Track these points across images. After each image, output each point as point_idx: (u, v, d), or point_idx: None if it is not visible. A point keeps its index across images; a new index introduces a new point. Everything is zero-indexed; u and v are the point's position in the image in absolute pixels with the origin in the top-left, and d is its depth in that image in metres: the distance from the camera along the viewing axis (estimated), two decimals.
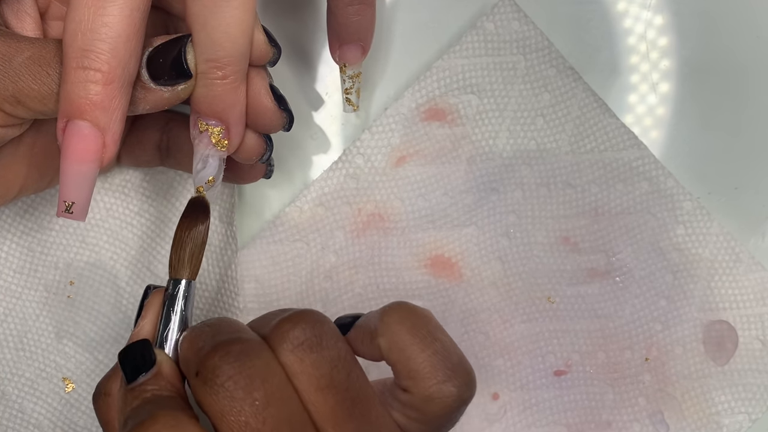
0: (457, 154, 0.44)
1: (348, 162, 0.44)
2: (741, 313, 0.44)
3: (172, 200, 0.43)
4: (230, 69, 0.33)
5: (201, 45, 0.33)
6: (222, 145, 0.35)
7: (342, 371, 0.31)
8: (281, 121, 0.36)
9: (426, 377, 0.31)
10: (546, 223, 0.44)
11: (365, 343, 0.32)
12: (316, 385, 0.30)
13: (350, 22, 0.39)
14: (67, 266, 0.43)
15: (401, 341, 0.31)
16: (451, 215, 0.44)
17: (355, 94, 0.42)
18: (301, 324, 0.31)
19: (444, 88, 0.44)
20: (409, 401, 0.31)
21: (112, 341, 0.43)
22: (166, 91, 0.33)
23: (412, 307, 0.33)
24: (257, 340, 0.31)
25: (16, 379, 0.42)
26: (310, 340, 0.31)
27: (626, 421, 0.44)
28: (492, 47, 0.44)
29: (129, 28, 0.31)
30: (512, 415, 0.43)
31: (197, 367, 0.30)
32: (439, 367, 0.31)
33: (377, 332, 0.32)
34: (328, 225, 0.43)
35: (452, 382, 0.31)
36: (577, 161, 0.44)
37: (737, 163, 0.45)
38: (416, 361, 0.31)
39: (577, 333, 0.44)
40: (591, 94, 0.44)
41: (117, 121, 0.32)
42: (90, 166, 0.32)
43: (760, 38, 0.45)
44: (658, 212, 0.44)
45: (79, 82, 0.31)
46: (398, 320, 0.32)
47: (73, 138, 0.31)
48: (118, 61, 0.31)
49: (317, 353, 0.31)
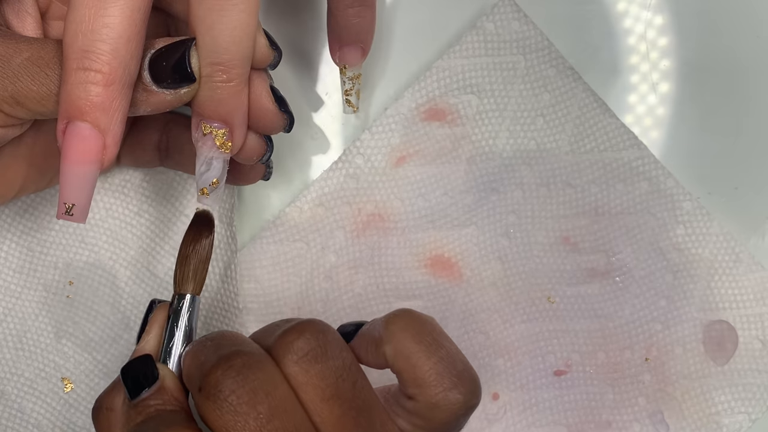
0: (457, 154, 0.44)
1: (348, 162, 0.44)
2: (741, 313, 0.44)
3: (171, 201, 0.43)
4: (235, 72, 0.33)
5: (206, 48, 0.33)
6: (226, 147, 0.35)
7: (347, 381, 0.31)
8: (282, 122, 0.36)
9: (432, 385, 0.31)
10: (546, 223, 0.44)
11: (370, 351, 0.32)
12: (321, 396, 0.30)
13: (350, 23, 0.39)
14: (66, 266, 0.43)
15: (406, 349, 0.31)
16: (451, 215, 0.44)
17: (355, 96, 0.42)
18: (305, 334, 0.31)
19: (444, 88, 0.44)
20: (415, 409, 0.31)
21: (111, 341, 0.43)
22: (169, 94, 0.33)
23: (416, 315, 0.33)
24: (260, 353, 0.31)
25: (15, 379, 0.42)
26: (314, 351, 0.31)
27: (626, 421, 0.44)
28: (492, 47, 0.44)
29: (130, 29, 0.31)
30: (512, 415, 0.43)
31: (200, 382, 0.30)
32: (445, 374, 0.31)
33: (382, 340, 0.32)
34: (328, 225, 0.43)
35: (458, 389, 0.31)
36: (577, 161, 0.44)
37: (737, 163, 0.45)
38: (422, 369, 0.31)
39: (577, 333, 0.44)
40: (591, 94, 0.44)
41: (118, 123, 0.32)
42: (90, 167, 0.32)
43: (760, 38, 0.45)
44: (658, 212, 0.44)
45: (80, 83, 0.31)
46: (403, 327, 0.32)
47: (73, 139, 0.31)
48: (119, 62, 0.31)
49: (322, 363, 0.30)
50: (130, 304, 0.43)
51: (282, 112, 0.36)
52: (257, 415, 0.29)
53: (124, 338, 0.43)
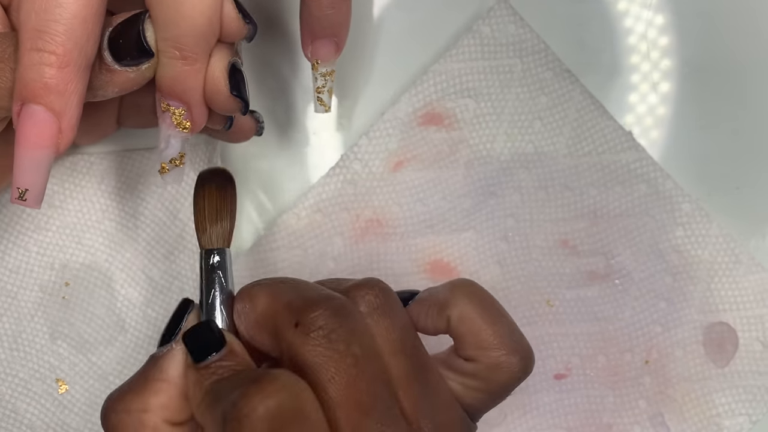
0: (455, 159, 0.44)
1: (345, 168, 0.44)
2: (741, 315, 0.44)
3: (167, 205, 0.43)
4: (189, 49, 0.32)
5: (157, 23, 0.32)
6: (184, 126, 0.34)
7: (409, 338, 0.32)
8: (234, 106, 0.35)
9: (495, 347, 0.32)
10: (544, 226, 0.44)
11: (430, 315, 0.33)
12: (389, 349, 0.31)
13: (324, 15, 0.37)
14: (62, 267, 0.43)
15: (472, 313, 0.33)
16: (450, 220, 0.44)
17: (327, 94, 0.40)
18: (375, 289, 0.32)
19: (441, 93, 0.44)
20: (474, 370, 0.33)
21: (106, 343, 0.43)
22: (131, 71, 0.32)
23: (479, 285, 0.34)
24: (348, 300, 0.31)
25: (9, 380, 0.43)
26: (384, 306, 0.32)
27: (627, 424, 0.44)
28: (488, 51, 0.44)
29: (85, 9, 0.30)
30: (512, 419, 0.43)
31: (296, 318, 0.30)
32: (507, 339, 0.33)
33: (448, 304, 0.33)
34: (326, 231, 0.43)
35: (519, 354, 0.33)
36: (575, 164, 0.44)
37: (737, 163, 0.45)
38: (487, 332, 0.33)
39: (577, 336, 0.44)
40: (588, 97, 0.44)
41: (73, 106, 0.31)
42: (44, 152, 0.31)
43: (761, 38, 0.45)
44: (657, 214, 0.44)
45: (33, 65, 0.30)
46: (469, 294, 0.33)
47: (27, 122, 0.30)
48: (74, 44, 0.30)
49: (390, 318, 0.32)
50: (126, 306, 0.43)
51: (234, 96, 0.34)
52: (353, 355, 0.30)
53: (119, 340, 0.43)
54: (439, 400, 0.32)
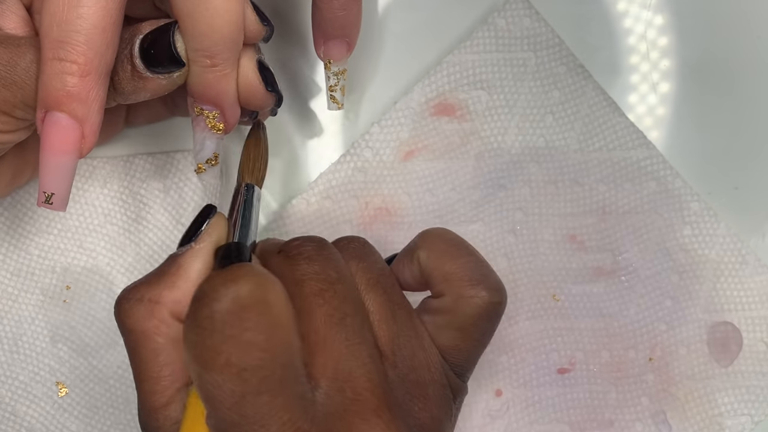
0: (466, 150, 0.44)
1: (356, 155, 0.43)
2: (746, 315, 0.44)
3: (169, 209, 0.43)
4: (219, 57, 0.33)
5: (187, 35, 0.33)
6: (217, 128, 0.35)
7: (388, 279, 0.34)
8: (269, 101, 0.36)
9: (459, 278, 0.33)
10: (553, 220, 0.44)
11: (406, 264, 0.35)
12: (366, 284, 0.33)
13: (335, 17, 0.38)
14: (64, 270, 0.43)
15: (439, 249, 0.34)
16: (458, 211, 0.44)
17: (340, 92, 0.41)
18: (357, 240, 0.34)
19: (454, 84, 0.44)
20: (441, 305, 0.34)
21: (106, 347, 0.43)
22: (163, 78, 0.33)
23: (448, 230, 0.36)
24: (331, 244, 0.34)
25: (9, 382, 0.42)
26: (363, 249, 0.34)
27: (629, 421, 0.44)
28: (502, 43, 0.44)
29: (104, 20, 0.31)
30: (515, 412, 0.43)
31: (280, 247, 0.33)
32: (472, 272, 0.34)
33: (417, 246, 0.35)
34: (335, 218, 0.43)
35: (483, 285, 0.33)
36: (586, 159, 0.44)
37: (737, 162, 0.45)
38: (452, 265, 0.34)
39: (582, 331, 0.44)
40: (601, 93, 0.44)
41: (95, 112, 0.32)
42: (68, 157, 0.32)
43: (760, 38, 0.45)
44: (666, 212, 0.44)
45: (56, 74, 0.31)
46: (437, 234, 0.35)
47: (51, 129, 0.32)
48: (95, 53, 0.31)
49: (368, 262, 0.33)
50: None
51: (269, 91, 0.36)
52: (329, 274, 0.31)
53: (120, 344, 0.43)
54: (417, 342, 0.33)
